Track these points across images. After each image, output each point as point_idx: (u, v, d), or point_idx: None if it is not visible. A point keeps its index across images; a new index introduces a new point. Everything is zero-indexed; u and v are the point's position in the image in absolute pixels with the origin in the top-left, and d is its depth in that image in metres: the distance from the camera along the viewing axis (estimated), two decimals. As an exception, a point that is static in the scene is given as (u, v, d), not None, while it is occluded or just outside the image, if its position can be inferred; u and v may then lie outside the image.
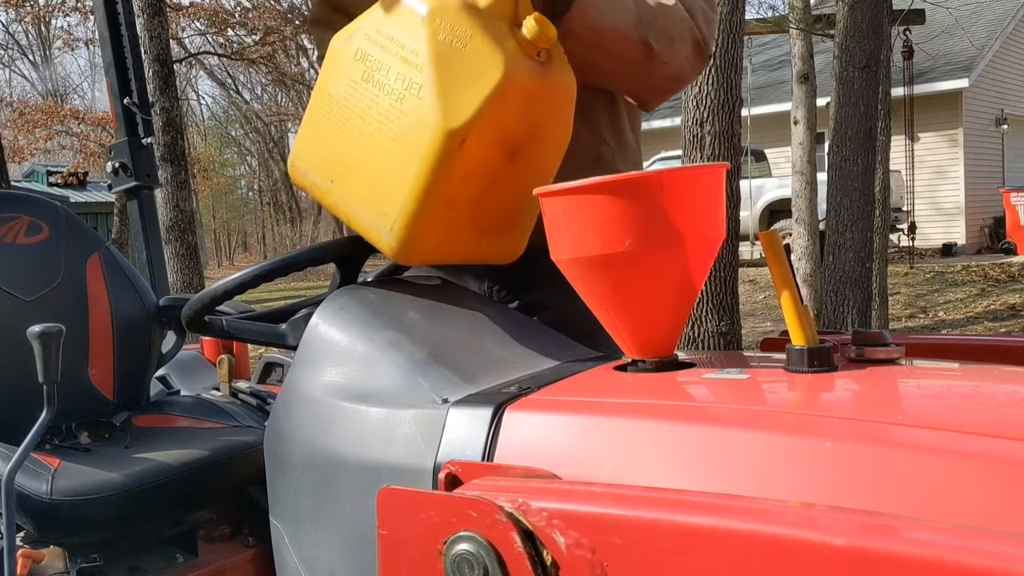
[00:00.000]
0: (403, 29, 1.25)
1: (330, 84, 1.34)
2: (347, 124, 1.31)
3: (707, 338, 5.23)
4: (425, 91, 1.22)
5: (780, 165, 15.48)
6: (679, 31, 1.43)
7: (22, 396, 1.80)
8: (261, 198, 40.23)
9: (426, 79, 1.22)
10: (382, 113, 1.27)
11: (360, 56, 1.29)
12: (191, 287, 6.81)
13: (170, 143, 6.90)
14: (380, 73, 1.27)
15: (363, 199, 1.31)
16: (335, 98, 1.32)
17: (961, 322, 9.77)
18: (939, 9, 12.53)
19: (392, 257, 1.33)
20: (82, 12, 15.79)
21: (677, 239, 1.09)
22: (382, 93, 1.26)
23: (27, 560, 1.67)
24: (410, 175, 1.25)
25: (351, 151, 1.31)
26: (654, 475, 0.91)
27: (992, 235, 16.10)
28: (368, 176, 1.30)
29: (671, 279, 1.12)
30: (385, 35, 1.27)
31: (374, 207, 1.30)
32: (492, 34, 1.23)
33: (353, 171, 1.31)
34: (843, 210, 5.91)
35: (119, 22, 2.50)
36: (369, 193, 1.30)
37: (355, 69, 1.30)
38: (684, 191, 1.09)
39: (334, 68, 1.33)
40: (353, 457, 1.14)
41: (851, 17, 5.87)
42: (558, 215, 1.12)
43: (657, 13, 1.40)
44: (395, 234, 1.28)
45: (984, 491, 0.77)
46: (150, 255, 2.54)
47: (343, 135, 1.32)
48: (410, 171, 1.25)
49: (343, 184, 1.33)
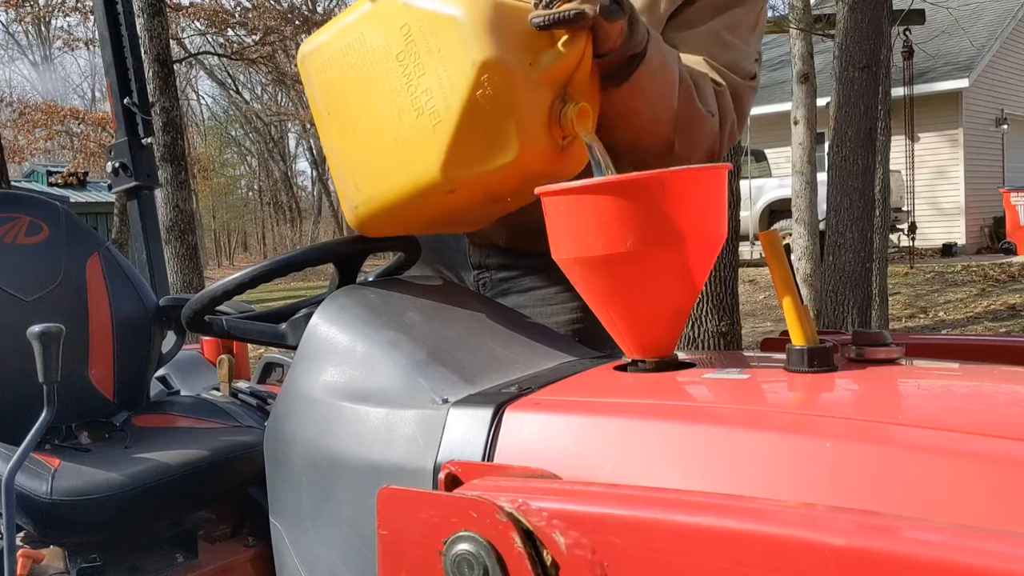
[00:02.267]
0: (452, 55, 1.17)
1: (370, 27, 1.26)
2: (366, 81, 1.27)
3: (707, 338, 5.23)
4: (441, 129, 1.19)
5: (780, 165, 15.49)
6: (702, 142, 1.41)
7: (22, 396, 1.80)
8: (261, 198, 40.25)
9: (448, 119, 1.18)
10: (398, 109, 1.23)
11: (406, 34, 1.21)
12: (191, 287, 6.81)
13: (170, 143, 6.90)
14: (414, 69, 1.21)
15: (348, 161, 1.33)
16: (367, 46, 1.26)
17: (961, 322, 9.77)
18: (939, 9, 12.53)
19: (350, 224, 1.38)
20: (82, 12, 15.81)
21: (679, 239, 1.08)
22: (406, 91, 1.22)
23: (27, 560, 1.67)
24: (391, 185, 1.26)
25: (358, 109, 1.29)
26: (654, 475, 0.91)
27: (992, 235, 16.10)
28: (360, 148, 1.30)
29: (672, 279, 1.12)
30: (436, 41, 1.19)
31: (352, 177, 1.32)
32: (529, 108, 1.18)
33: (351, 131, 1.30)
34: (843, 210, 5.91)
35: (119, 22, 2.51)
36: (354, 162, 1.31)
37: (396, 40, 1.22)
38: (686, 192, 1.09)
39: (379, 16, 1.25)
40: (353, 457, 1.14)
41: (851, 17, 5.87)
42: (560, 214, 1.12)
43: (693, 121, 1.38)
44: (358, 214, 1.34)
45: (984, 491, 0.77)
46: (150, 255, 2.55)
47: (358, 86, 1.28)
48: (393, 182, 1.26)
49: (339, 131, 1.32)
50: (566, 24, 1.16)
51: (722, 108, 1.42)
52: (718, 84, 1.42)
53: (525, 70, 1.17)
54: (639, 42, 1.25)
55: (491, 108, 1.16)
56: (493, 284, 1.67)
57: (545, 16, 1.16)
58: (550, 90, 1.20)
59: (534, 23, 1.17)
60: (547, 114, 1.20)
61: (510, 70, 1.16)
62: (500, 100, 1.16)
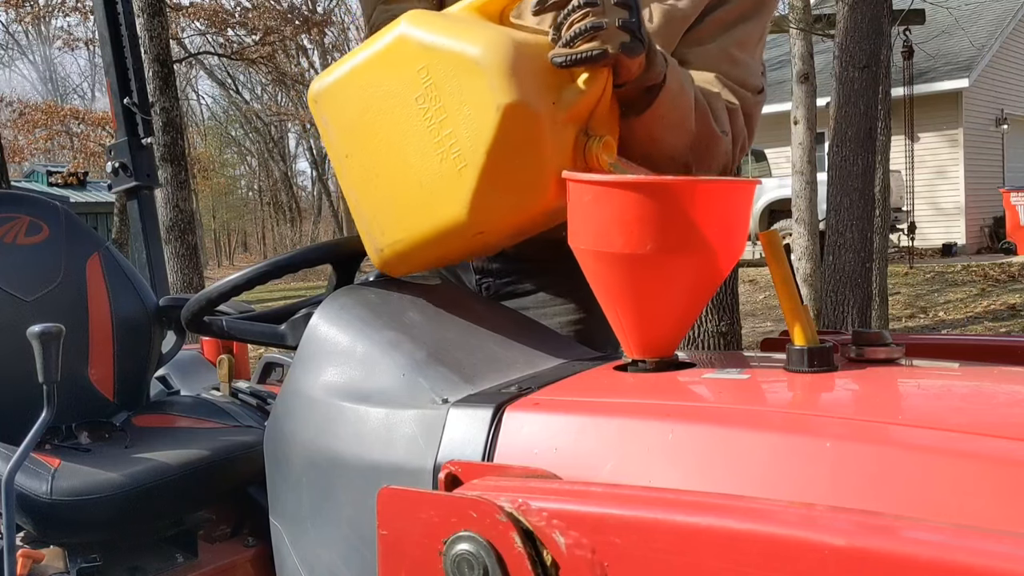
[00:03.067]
0: (475, 99, 1.15)
1: (386, 69, 1.23)
2: (385, 124, 1.24)
3: (707, 338, 5.23)
4: (467, 173, 1.16)
5: (780, 165, 15.48)
6: (717, 162, 1.42)
7: (22, 396, 1.80)
8: (261, 198, 40.26)
9: (474, 163, 1.16)
10: (420, 151, 1.21)
11: (425, 77, 1.18)
12: (191, 287, 6.81)
13: (170, 143, 6.90)
14: (435, 112, 1.18)
15: (371, 205, 1.30)
16: (384, 88, 1.23)
17: (961, 322, 9.77)
18: (939, 9, 12.52)
19: (375, 265, 1.37)
20: (82, 12, 15.80)
21: (699, 249, 1.08)
22: (429, 133, 1.19)
23: (27, 560, 1.67)
24: (418, 229, 1.24)
25: (379, 154, 1.26)
26: (654, 475, 0.91)
27: (992, 235, 16.10)
28: (384, 192, 1.27)
29: (685, 286, 1.12)
30: (456, 83, 1.16)
31: (377, 221, 1.30)
32: (555, 150, 1.16)
33: (374, 175, 1.28)
34: (843, 210, 5.90)
35: (119, 22, 2.51)
36: (377, 206, 1.29)
37: (414, 83, 1.19)
38: (714, 202, 1.09)
39: (395, 58, 1.22)
40: (353, 457, 1.14)
41: (851, 17, 5.86)
42: (584, 204, 1.12)
43: (709, 143, 1.38)
44: (384, 257, 1.33)
45: (984, 491, 0.77)
46: (150, 255, 2.55)
47: (377, 129, 1.25)
48: (419, 226, 1.24)
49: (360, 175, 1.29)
50: (588, 63, 1.15)
51: (735, 126, 1.42)
52: (731, 103, 1.42)
53: (550, 110, 1.15)
54: (658, 73, 1.25)
55: (517, 151, 1.15)
56: (495, 288, 1.67)
57: (567, 56, 1.15)
58: (574, 127, 1.19)
59: (555, 63, 1.16)
60: (572, 150, 1.19)
61: (536, 112, 1.14)
62: (526, 142, 1.15)
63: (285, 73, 23.62)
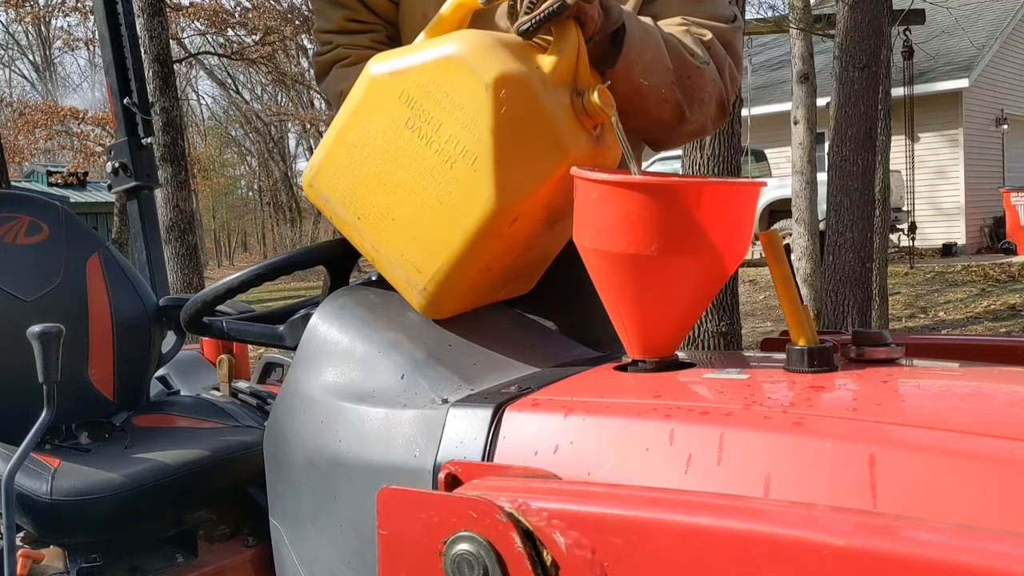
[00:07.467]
0: (462, 91, 1.16)
1: (368, 116, 1.24)
2: (383, 167, 1.24)
3: (707, 338, 5.23)
4: (481, 164, 1.16)
5: (780, 165, 15.48)
6: (708, 94, 1.43)
7: (22, 396, 1.80)
8: (261, 198, 40.23)
9: (483, 151, 1.15)
10: (428, 170, 1.20)
11: (407, 100, 1.20)
12: (191, 287, 6.82)
13: (170, 143, 6.91)
14: (429, 127, 1.19)
15: (397, 251, 1.27)
16: (371, 134, 1.24)
17: (961, 322, 9.77)
18: (939, 9, 12.53)
19: (421, 311, 1.30)
20: (82, 12, 15.81)
21: (703, 250, 1.08)
22: (429, 149, 1.19)
23: (27, 560, 1.67)
24: (453, 244, 1.21)
25: (388, 198, 1.25)
26: (654, 475, 0.91)
27: (992, 235, 16.10)
28: (406, 231, 1.25)
29: (688, 287, 1.12)
30: (440, 89, 1.17)
31: (409, 263, 1.26)
32: (555, 109, 1.17)
33: (389, 220, 1.25)
34: (843, 210, 5.90)
35: (119, 22, 2.51)
36: (404, 248, 1.26)
37: (399, 112, 1.21)
38: (720, 204, 1.09)
39: (373, 100, 1.24)
40: (353, 457, 1.14)
41: (851, 17, 5.87)
42: (589, 202, 1.12)
43: (692, 75, 1.40)
44: (428, 294, 1.26)
45: (984, 491, 0.77)
46: (150, 255, 2.55)
47: (378, 177, 1.24)
48: (454, 241, 1.21)
49: (375, 228, 1.27)
50: (553, 19, 1.17)
51: (715, 56, 1.44)
52: (702, 35, 1.44)
53: (536, 74, 1.17)
54: (616, 17, 1.28)
55: (520, 121, 1.15)
56: None
57: (531, 19, 1.17)
58: (564, 89, 1.20)
59: (521, 31, 1.18)
60: (570, 111, 1.20)
61: (523, 78, 1.15)
62: (526, 110, 1.15)
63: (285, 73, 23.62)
